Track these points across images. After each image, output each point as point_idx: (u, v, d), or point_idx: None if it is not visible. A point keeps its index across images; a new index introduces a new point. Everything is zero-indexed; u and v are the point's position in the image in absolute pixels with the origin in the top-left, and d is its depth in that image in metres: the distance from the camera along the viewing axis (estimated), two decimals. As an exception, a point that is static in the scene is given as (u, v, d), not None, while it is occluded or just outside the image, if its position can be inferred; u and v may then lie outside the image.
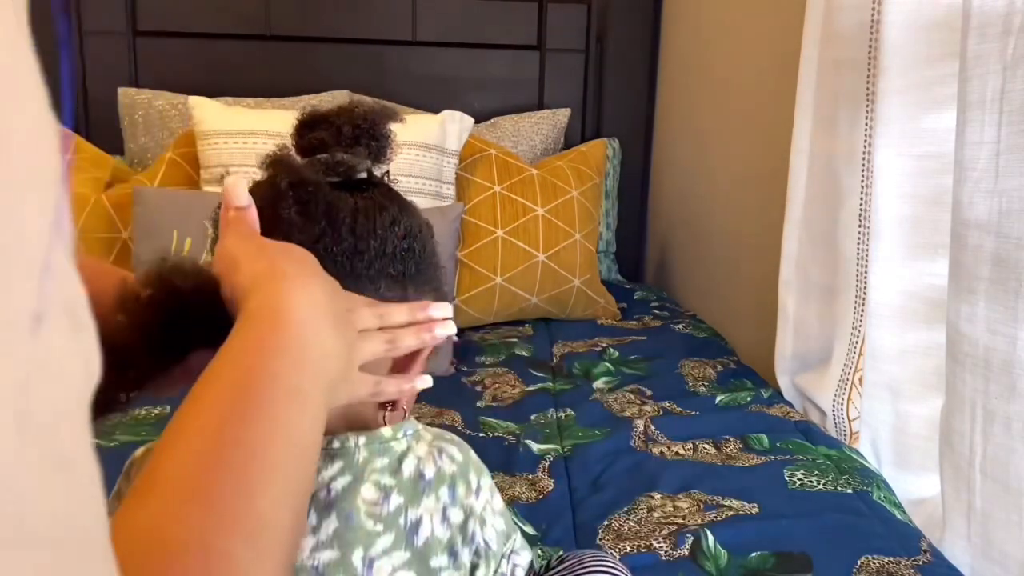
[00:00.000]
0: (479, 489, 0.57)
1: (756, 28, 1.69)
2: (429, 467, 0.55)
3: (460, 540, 0.54)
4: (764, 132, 1.63)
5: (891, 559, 0.88)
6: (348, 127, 0.58)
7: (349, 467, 0.53)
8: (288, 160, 0.56)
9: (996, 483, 0.89)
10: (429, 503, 0.54)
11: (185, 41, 2.07)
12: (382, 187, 0.60)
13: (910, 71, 1.06)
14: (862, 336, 1.19)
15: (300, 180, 0.55)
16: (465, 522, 0.55)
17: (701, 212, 2.00)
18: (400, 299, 0.57)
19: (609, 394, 1.36)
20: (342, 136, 0.58)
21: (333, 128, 0.58)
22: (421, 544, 0.53)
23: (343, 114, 0.59)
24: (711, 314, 1.87)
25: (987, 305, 0.88)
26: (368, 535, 0.51)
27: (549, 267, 1.72)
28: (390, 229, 0.57)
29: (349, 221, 0.55)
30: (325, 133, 0.58)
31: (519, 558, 0.59)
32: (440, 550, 0.53)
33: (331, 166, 0.57)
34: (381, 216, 0.57)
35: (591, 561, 0.69)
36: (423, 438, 0.57)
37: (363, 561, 0.51)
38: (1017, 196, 0.84)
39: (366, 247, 0.55)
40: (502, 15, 2.18)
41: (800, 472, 1.06)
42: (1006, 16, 0.83)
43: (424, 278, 0.59)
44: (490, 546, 0.56)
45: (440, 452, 0.56)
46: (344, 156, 0.57)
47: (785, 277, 1.36)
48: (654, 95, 2.31)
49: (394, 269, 0.57)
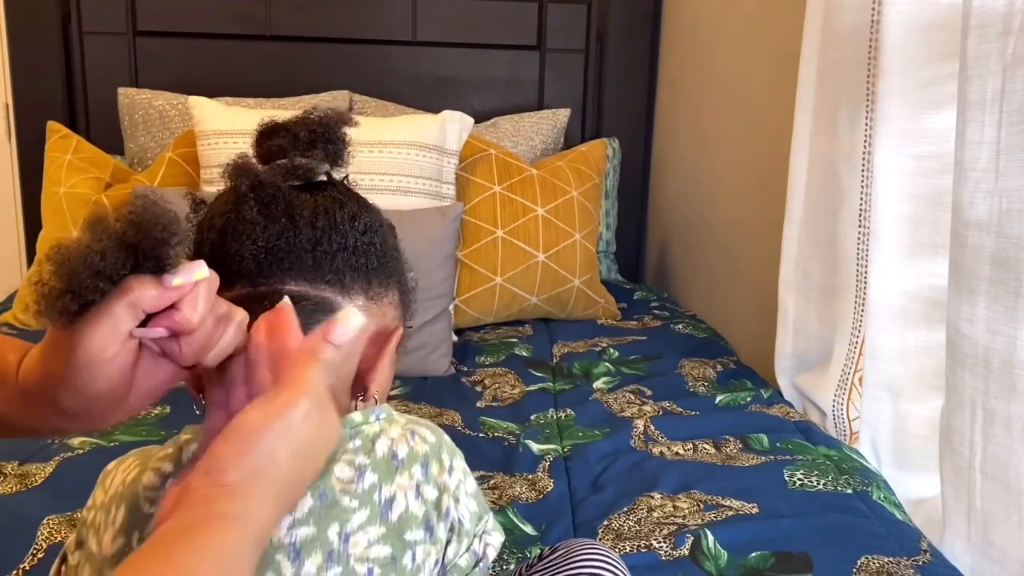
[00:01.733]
0: (452, 469, 0.58)
1: (756, 28, 1.69)
2: (402, 447, 0.56)
3: (435, 515, 0.56)
4: (764, 132, 1.63)
5: (891, 559, 0.88)
6: (304, 132, 0.60)
7: None
8: (248, 166, 0.59)
9: (996, 483, 0.89)
10: (403, 480, 0.55)
11: (185, 41, 2.07)
12: (341, 187, 0.62)
13: (910, 71, 1.06)
14: (862, 336, 1.19)
15: (260, 182, 0.57)
16: (439, 498, 0.56)
17: (701, 212, 2.00)
18: (365, 291, 0.59)
19: (609, 394, 1.36)
20: (299, 142, 0.60)
21: (290, 135, 0.60)
22: (395, 519, 0.54)
23: (299, 121, 0.61)
24: (711, 314, 1.87)
25: (987, 305, 0.88)
26: (343, 511, 0.52)
27: (549, 267, 1.72)
28: (350, 223, 0.59)
29: (309, 216, 0.57)
30: (283, 140, 0.60)
31: (491, 538, 0.60)
32: (415, 525, 0.54)
33: (290, 170, 0.59)
34: (341, 211, 0.59)
35: (582, 550, 0.70)
36: (396, 421, 0.58)
37: (339, 536, 0.52)
38: (1017, 196, 0.84)
39: (327, 240, 0.57)
40: (502, 15, 2.18)
41: (800, 472, 1.06)
42: (1006, 16, 0.83)
43: (387, 271, 0.61)
44: (463, 524, 0.57)
45: (413, 434, 0.58)
46: (302, 160, 0.59)
47: (785, 277, 1.36)
48: (654, 95, 2.31)
49: (357, 262, 0.59)
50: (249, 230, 0.56)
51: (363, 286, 0.59)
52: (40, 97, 2.01)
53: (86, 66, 2.03)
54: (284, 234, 0.56)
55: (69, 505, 0.94)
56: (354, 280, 0.58)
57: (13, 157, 2.08)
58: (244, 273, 0.56)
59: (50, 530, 0.89)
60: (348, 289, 0.58)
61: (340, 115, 0.62)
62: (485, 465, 1.11)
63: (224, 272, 0.53)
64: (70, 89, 2.04)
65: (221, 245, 0.57)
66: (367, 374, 0.60)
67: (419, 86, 2.16)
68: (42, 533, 0.89)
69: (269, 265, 0.56)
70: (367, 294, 0.59)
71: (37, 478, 1.01)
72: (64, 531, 0.90)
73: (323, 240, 0.57)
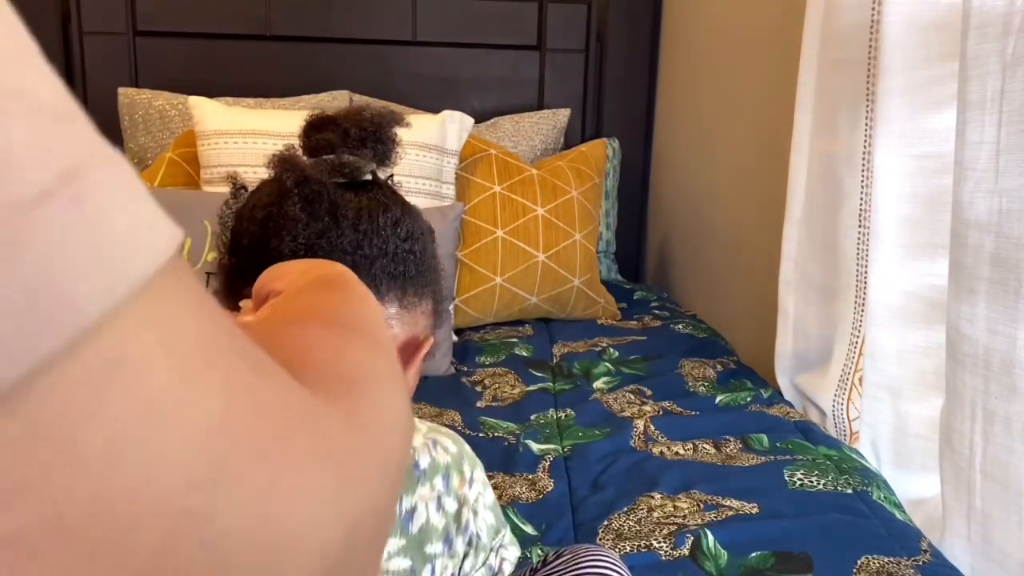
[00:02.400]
0: (472, 481, 0.57)
1: (756, 28, 1.69)
2: (424, 457, 0.55)
3: (455, 528, 0.55)
4: (764, 132, 1.63)
5: (891, 559, 0.88)
6: (355, 129, 0.59)
7: None
8: (294, 159, 0.57)
9: (996, 483, 0.89)
10: (424, 491, 0.54)
11: (185, 41, 2.07)
12: (386, 189, 0.61)
13: (910, 71, 1.06)
14: (862, 336, 1.19)
15: (305, 178, 0.56)
16: (459, 511, 0.56)
17: (701, 212, 2.00)
18: (399, 299, 0.57)
19: (609, 394, 1.36)
20: (349, 138, 0.59)
21: (340, 130, 0.59)
22: (416, 531, 0.53)
23: (350, 117, 0.60)
24: (711, 314, 1.87)
25: (987, 305, 0.88)
26: None
27: (549, 267, 1.72)
28: (392, 229, 0.57)
29: (352, 218, 0.56)
30: (332, 135, 0.59)
31: (507, 552, 0.59)
32: (436, 537, 0.54)
33: (337, 167, 0.57)
34: (384, 216, 0.57)
35: (587, 556, 0.69)
36: (418, 429, 0.58)
37: None
38: (1017, 196, 0.84)
39: (368, 244, 0.56)
40: (502, 15, 2.18)
41: (800, 472, 1.06)
42: (1006, 16, 0.83)
43: (423, 280, 0.60)
44: (481, 537, 0.56)
45: (434, 443, 0.57)
46: (350, 158, 0.58)
47: (785, 277, 1.36)
48: (654, 95, 2.31)
49: (395, 269, 0.57)
50: (291, 226, 0.55)
51: (398, 294, 0.57)
52: (40, 97, 2.00)
53: (86, 66, 2.03)
54: (326, 233, 0.55)
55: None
56: (390, 287, 0.57)
57: (13, 157, 2.08)
58: None
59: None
60: (383, 296, 0.56)
61: (392, 115, 0.61)
62: (485, 465, 1.10)
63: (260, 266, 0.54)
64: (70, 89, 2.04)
65: (262, 238, 0.56)
66: None
67: (419, 86, 2.16)
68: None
69: None
70: (401, 302, 0.58)
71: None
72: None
73: (364, 244, 0.56)
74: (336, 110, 0.62)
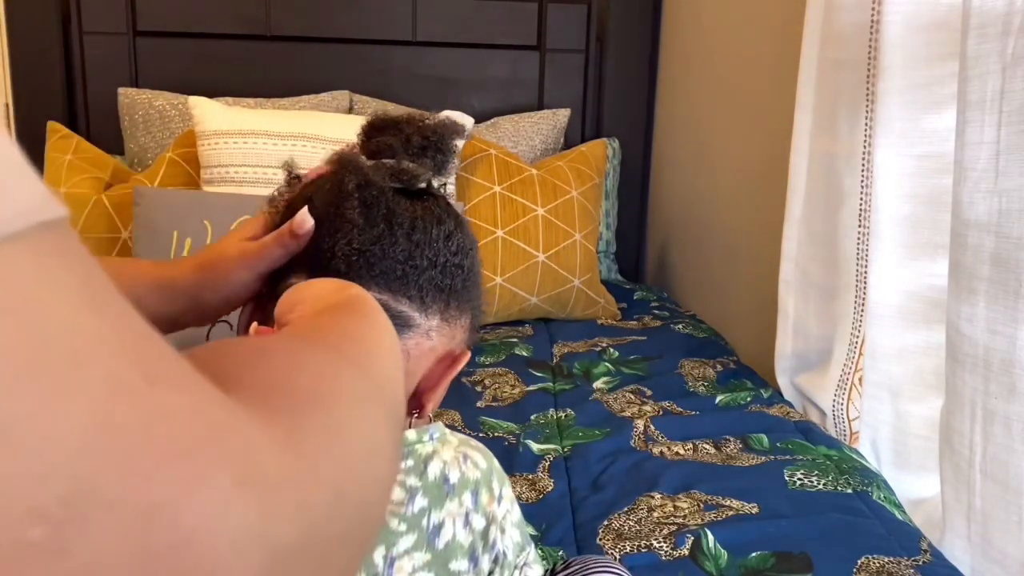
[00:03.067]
0: (501, 498, 0.57)
1: (756, 28, 1.69)
2: (454, 471, 0.55)
3: (481, 546, 0.55)
4: (764, 132, 1.63)
5: (891, 559, 0.88)
6: (417, 137, 0.59)
7: None
8: (357, 161, 0.57)
9: (996, 483, 0.89)
10: (452, 507, 0.54)
11: (185, 41, 2.07)
12: (441, 200, 0.61)
13: (910, 71, 1.06)
14: (862, 336, 1.19)
15: (367, 182, 0.56)
16: (487, 528, 0.55)
17: (701, 212, 2.00)
18: (442, 311, 0.57)
19: (609, 394, 1.36)
20: (410, 145, 0.59)
21: (402, 136, 0.59)
22: (442, 547, 0.53)
23: (413, 122, 0.60)
24: (711, 314, 1.87)
25: (987, 305, 0.88)
26: (391, 534, 0.52)
27: (549, 267, 1.72)
28: (444, 242, 0.57)
29: (407, 228, 0.56)
30: (393, 139, 0.59)
31: (531, 571, 0.59)
32: (461, 554, 0.53)
33: (396, 172, 0.57)
34: (438, 228, 0.57)
35: (596, 568, 0.69)
36: (449, 442, 0.57)
37: (384, 559, 0.51)
38: (1017, 196, 0.84)
39: (420, 255, 0.56)
40: (502, 15, 2.18)
41: (800, 472, 1.06)
42: (1006, 16, 0.83)
43: (467, 295, 0.60)
44: (507, 555, 0.56)
45: (465, 458, 0.56)
46: (410, 165, 0.58)
47: (785, 277, 1.36)
48: (654, 95, 2.31)
49: (442, 282, 0.57)
50: (347, 229, 0.55)
51: (441, 307, 0.57)
52: (40, 97, 2.00)
53: (86, 66, 2.03)
54: (380, 240, 0.55)
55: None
56: (435, 299, 0.57)
57: (13, 157, 2.08)
58: (331, 270, 0.55)
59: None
60: (427, 307, 0.56)
61: (455, 125, 0.61)
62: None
63: (311, 262, 0.54)
64: (70, 89, 2.04)
65: (315, 236, 0.56)
66: (426, 393, 0.59)
67: (419, 86, 2.16)
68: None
69: (358, 268, 0.54)
70: (443, 315, 0.57)
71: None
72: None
73: (416, 254, 0.56)
74: (399, 114, 0.62)
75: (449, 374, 0.59)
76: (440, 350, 0.58)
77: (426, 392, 0.59)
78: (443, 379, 0.59)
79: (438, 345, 0.58)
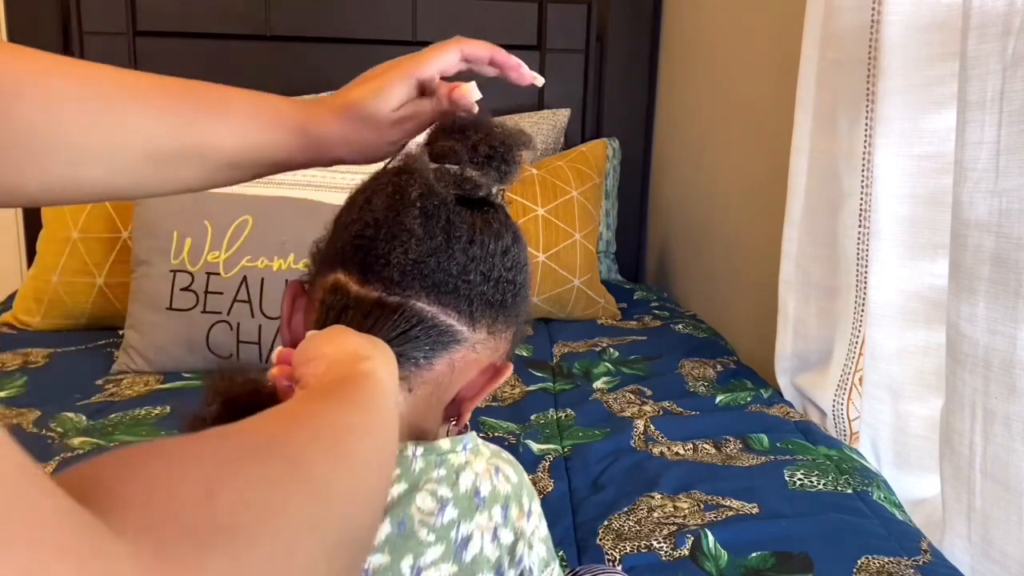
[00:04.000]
0: (530, 513, 0.56)
1: (756, 28, 1.69)
2: (485, 484, 0.55)
3: (508, 561, 0.54)
4: (764, 132, 1.63)
5: (891, 559, 0.88)
6: (484, 146, 0.58)
7: (405, 475, 0.53)
8: (421, 168, 0.56)
9: (996, 483, 0.89)
10: (482, 520, 0.54)
11: (185, 41, 2.07)
12: (501, 212, 0.59)
13: (910, 71, 1.06)
14: (862, 336, 1.19)
15: (430, 191, 0.54)
16: (515, 544, 0.55)
17: (701, 212, 2.00)
18: (489, 325, 0.56)
19: (609, 394, 1.36)
20: (476, 153, 0.57)
21: (469, 143, 0.58)
22: (469, 560, 0.52)
23: (481, 130, 0.59)
24: (711, 314, 1.87)
25: (987, 305, 0.88)
26: (419, 544, 0.51)
27: (549, 267, 1.72)
28: (501, 257, 0.56)
29: (465, 241, 0.55)
30: (459, 145, 0.58)
31: None
32: (487, 568, 0.53)
33: (459, 181, 0.56)
34: (495, 243, 0.56)
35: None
36: (481, 453, 0.57)
37: (412, 569, 0.51)
38: (1017, 196, 0.84)
39: (475, 270, 0.55)
40: (502, 15, 2.18)
41: (800, 472, 1.06)
42: (1006, 16, 0.83)
43: (516, 311, 0.59)
44: (532, 572, 0.56)
45: (497, 471, 0.56)
46: (474, 174, 0.57)
47: (785, 277, 1.36)
48: (654, 95, 2.31)
49: (493, 297, 0.56)
50: (404, 238, 0.53)
51: (489, 321, 0.56)
52: (40, 97, 2.00)
53: (86, 66, 2.03)
54: (437, 252, 0.54)
55: (69, 505, 0.94)
56: (483, 314, 0.56)
57: (13, 157, 2.07)
58: (383, 278, 0.53)
59: (50, 530, 0.89)
60: (475, 321, 0.55)
61: (523, 135, 0.60)
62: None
63: (363, 264, 0.54)
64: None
65: (372, 239, 0.54)
66: (465, 402, 0.58)
67: (419, 86, 2.16)
68: (42, 533, 0.89)
69: (412, 278, 0.53)
70: (490, 328, 0.56)
71: (37, 478, 1.01)
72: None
73: (471, 269, 0.54)
74: (467, 118, 0.61)
75: (491, 386, 0.58)
76: (484, 362, 0.58)
77: (465, 401, 0.58)
78: (484, 390, 0.58)
79: (482, 357, 0.57)
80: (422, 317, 0.53)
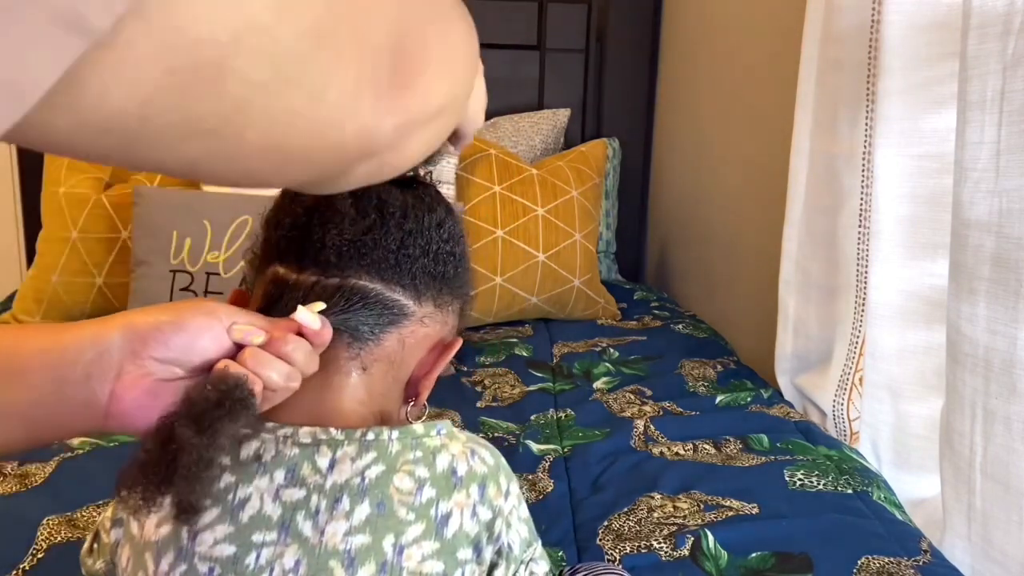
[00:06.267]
0: (508, 493, 0.57)
1: (756, 28, 1.69)
2: (462, 464, 0.56)
3: (486, 537, 0.55)
4: (764, 132, 1.63)
5: (891, 559, 0.88)
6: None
7: (383, 457, 0.54)
8: None
9: (996, 483, 0.89)
10: (460, 498, 0.55)
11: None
12: (431, 189, 0.61)
13: (910, 71, 1.06)
14: (862, 336, 1.19)
15: None
16: (492, 521, 0.56)
17: (701, 212, 2.00)
18: (435, 298, 0.58)
19: (609, 394, 1.36)
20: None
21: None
22: (450, 536, 0.53)
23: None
24: (711, 314, 1.87)
25: (987, 305, 0.88)
26: (400, 523, 0.52)
27: (549, 267, 1.72)
28: (436, 230, 0.58)
29: (399, 217, 0.56)
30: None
31: (537, 567, 0.59)
32: (467, 543, 0.54)
33: None
34: (429, 216, 0.58)
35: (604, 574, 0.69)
36: (457, 438, 0.58)
37: (394, 547, 0.52)
38: (1017, 196, 0.84)
39: (413, 243, 0.56)
40: (502, 15, 2.18)
41: (800, 472, 1.06)
42: (1006, 16, 0.83)
43: (459, 282, 0.61)
44: (512, 549, 0.57)
45: (473, 453, 0.57)
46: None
47: (785, 277, 1.36)
48: (654, 95, 2.31)
49: (435, 269, 0.58)
50: (338, 220, 0.55)
51: (434, 293, 0.58)
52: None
53: (86, 66, 2.03)
54: (372, 230, 0.55)
55: (69, 505, 0.94)
56: (427, 287, 0.57)
57: (13, 157, 2.08)
58: (320, 262, 0.55)
59: (50, 530, 0.89)
60: (420, 295, 0.57)
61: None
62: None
63: (299, 252, 0.54)
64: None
65: (305, 226, 0.56)
66: (420, 380, 0.60)
67: (419, 86, 2.16)
68: (42, 533, 0.89)
69: (349, 258, 0.55)
70: (435, 301, 0.58)
71: (37, 478, 1.01)
72: (64, 531, 0.90)
73: (408, 243, 0.56)
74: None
75: (441, 361, 0.60)
76: (434, 337, 0.60)
77: (421, 379, 0.60)
78: (436, 366, 0.60)
79: (432, 332, 0.59)
80: (365, 293, 0.54)
